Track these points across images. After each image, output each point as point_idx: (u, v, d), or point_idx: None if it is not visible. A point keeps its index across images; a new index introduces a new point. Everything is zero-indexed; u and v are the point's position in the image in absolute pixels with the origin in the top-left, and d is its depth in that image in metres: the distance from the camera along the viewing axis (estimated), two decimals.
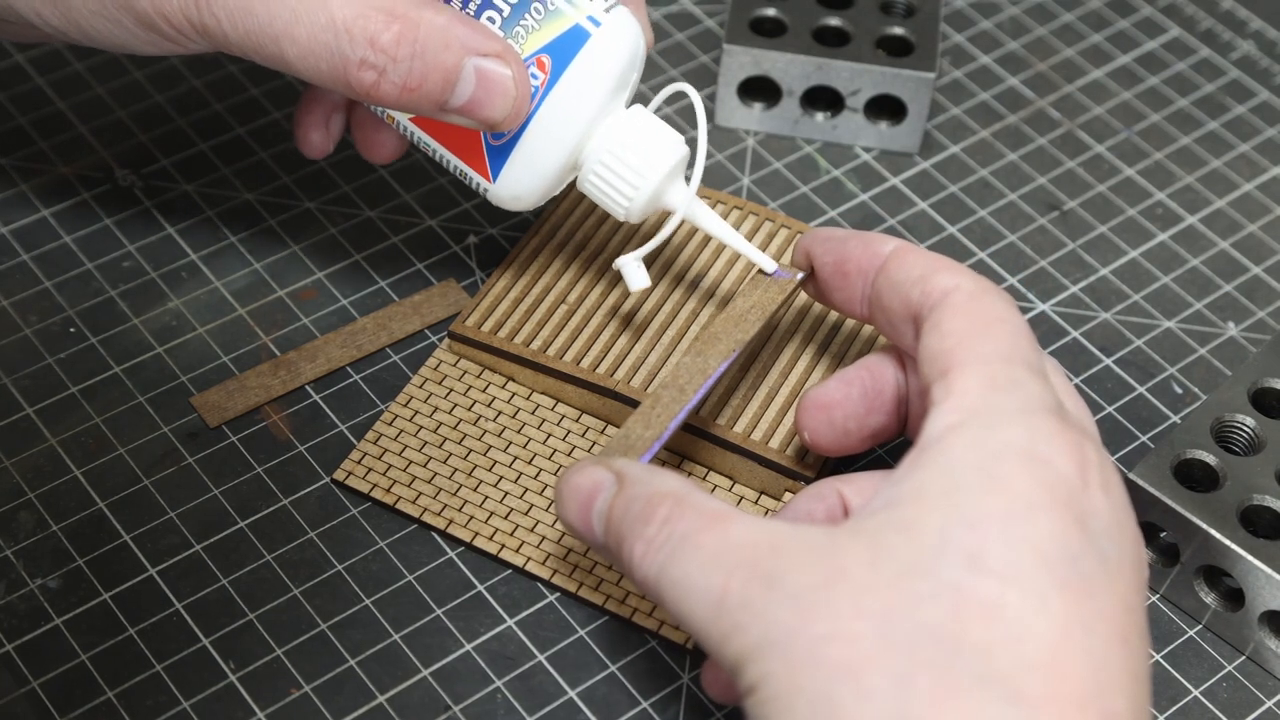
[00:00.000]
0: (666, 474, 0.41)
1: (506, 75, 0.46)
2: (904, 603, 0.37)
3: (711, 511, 0.40)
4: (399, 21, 0.45)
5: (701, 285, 0.55)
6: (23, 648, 0.47)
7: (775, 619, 0.37)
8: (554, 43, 0.48)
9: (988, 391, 0.40)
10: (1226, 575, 0.49)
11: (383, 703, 0.47)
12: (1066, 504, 0.38)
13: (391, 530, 0.50)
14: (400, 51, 0.45)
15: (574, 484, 0.43)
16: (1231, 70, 0.67)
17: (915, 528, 0.38)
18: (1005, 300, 0.43)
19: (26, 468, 0.51)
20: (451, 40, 0.46)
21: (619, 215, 0.50)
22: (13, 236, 0.57)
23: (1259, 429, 0.50)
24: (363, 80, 0.46)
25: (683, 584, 0.39)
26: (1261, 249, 0.61)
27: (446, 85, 0.46)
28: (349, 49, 0.45)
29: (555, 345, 0.53)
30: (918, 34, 0.62)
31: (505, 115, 0.47)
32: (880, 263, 0.46)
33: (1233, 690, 0.49)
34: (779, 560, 0.38)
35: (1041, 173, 0.63)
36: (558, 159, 0.49)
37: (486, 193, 0.50)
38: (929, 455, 0.40)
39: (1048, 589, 0.37)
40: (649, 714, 0.47)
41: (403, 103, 0.46)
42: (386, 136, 0.53)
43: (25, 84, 0.62)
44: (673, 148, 0.49)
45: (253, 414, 0.53)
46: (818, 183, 0.62)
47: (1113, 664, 0.37)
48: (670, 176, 0.49)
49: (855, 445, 0.48)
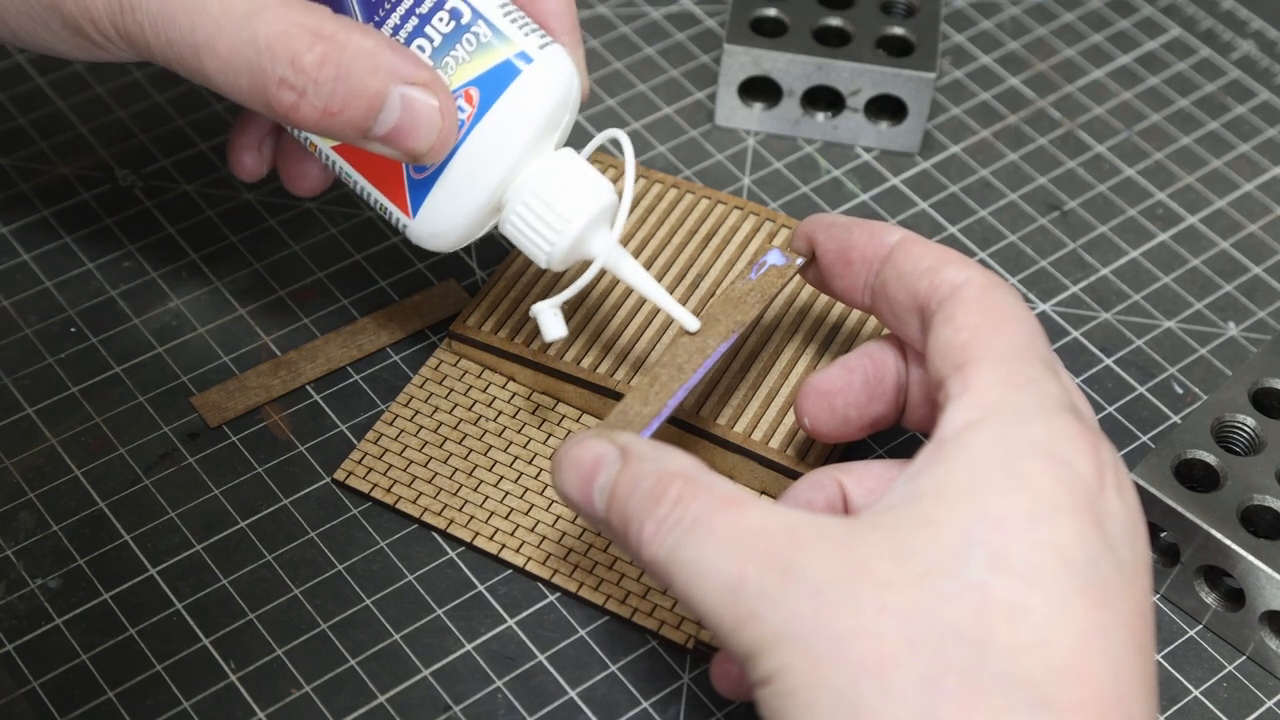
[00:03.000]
0: (674, 451, 0.41)
1: (433, 105, 0.44)
2: (929, 601, 0.37)
3: (725, 494, 0.39)
4: (324, 42, 0.43)
5: (702, 286, 0.55)
6: (23, 648, 0.47)
7: (795, 611, 0.37)
8: (483, 76, 0.46)
9: (1007, 388, 0.40)
10: (1227, 575, 0.49)
11: (383, 703, 0.47)
12: (1087, 506, 0.38)
13: (392, 530, 0.50)
14: (323, 73, 0.43)
15: (574, 455, 0.42)
16: (1232, 70, 0.67)
17: (938, 524, 0.38)
18: (1016, 296, 0.43)
19: (27, 468, 0.51)
20: (379, 65, 0.44)
21: (540, 261, 0.47)
22: (13, 236, 0.57)
23: (1259, 429, 0.50)
24: (282, 100, 0.44)
25: (694, 567, 0.38)
26: (1262, 249, 0.61)
27: (370, 112, 0.44)
28: (269, 66, 0.43)
29: (555, 345, 0.53)
30: (918, 34, 0.62)
31: (429, 146, 0.45)
32: (886, 252, 0.46)
33: (1233, 690, 0.49)
34: (797, 549, 0.38)
35: (1042, 173, 0.63)
36: (480, 196, 0.47)
37: (406, 229, 0.48)
38: (948, 450, 0.39)
39: (1070, 593, 0.37)
40: (649, 714, 0.47)
41: (323, 127, 0.44)
42: (310, 168, 0.51)
43: (25, 84, 0.62)
44: (599, 194, 0.47)
45: (253, 414, 0.53)
46: (818, 183, 0.62)
47: (1131, 670, 0.37)
48: (595, 223, 0.47)
49: (854, 433, 0.47)
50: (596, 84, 0.64)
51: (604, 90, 0.64)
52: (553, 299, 0.48)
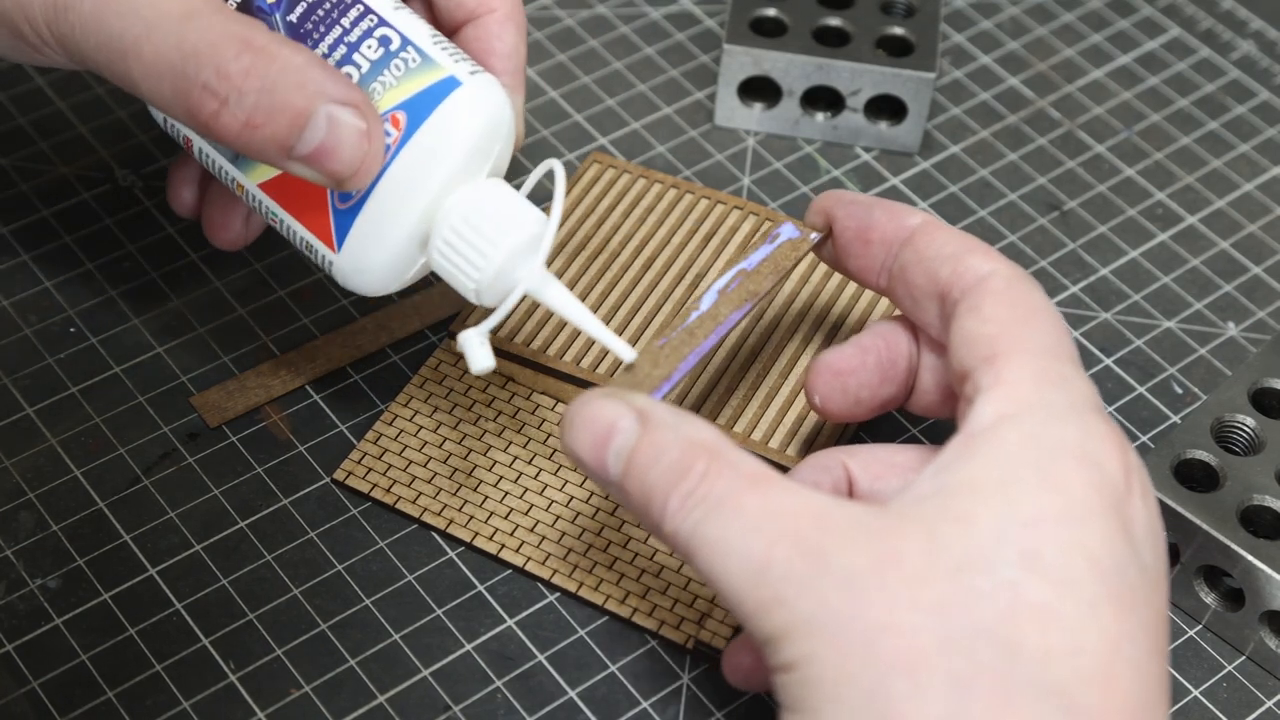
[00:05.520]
0: (694, 418, 0.40)
1: (359, 127, 0.42)
2: (961, 598, 0.36)
3: (751, 472, 0.39)
4: (253, 53, 0.42)
5: (702, 286, 0.55)
6: (23, 648, 0.47)
7: (824, 599, 0.37)
8: (410, 100, 0.44)
9: (1039, 385, 0.40)
10: (1226, 575, 0.49)
11: (383, 703, 0.47)
12: (1115, 509, 0.38)
13: (391, 530, 0.50)
14: (248, 84, 0.42)
15: (589, 415, 0.41)
16: (1232, 70, 0.67)
17: (970, 520, 0.38)
18: (1041, 290, 0.43)
19: (26, 468, 0.51)
20: (307, 82, 0.42)
21: (469, 294, 0.45)
22: (13, 236, 0.57)
23: (1259, 429, 0.50)
24: (203, 107, 0.42)
25: (719, 545, 0.38)
26: (1261, 249, 0.61)
27: (293, 129, 0.42)
28: (194, 72, 0.42)
29: (555, 345, 0.53)
30: (918, 34, 0.62)
31: (354, 169, 0.43)
32: (907, 234, 0.45)
33: (1233, 690, 0.49)
34: (827, 535, 0.37)
35: (1041, 173, 0.63)
36: (407, 224, 0.45)
37: (331, 267, 0.46)
38: (980, 444, 0.39)
39: (1099, 598, 0.37)
40: (649, 714, 0.47)
41: (244, 140, 0.42)
42: (233, 218, 0.50)
43: (25, 84, 0.62)
44: (526, 221, 0.45)
45: (253, 414, 0.53)
46: (818, 183, 0.62)
47: (1153, 676, 0.37)
48: (524, 250, 0.45)
49: (864, 414, 0.47)
50: (596, 84, 0.64)
51: (604, 90, 0.64)
52: (480, 325, 0.45)
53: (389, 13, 0.45)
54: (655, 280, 0.55)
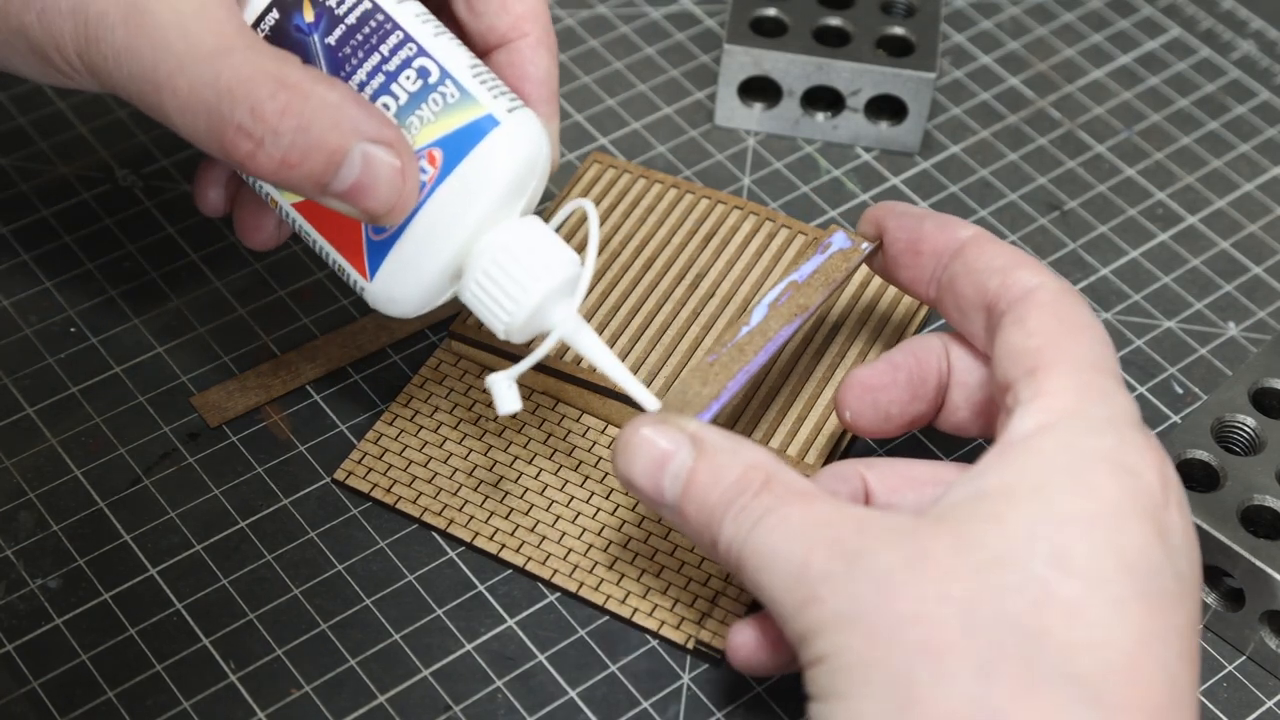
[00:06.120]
0: (748, 444, 0.42)
1: (394, 165, 0.42)
2: (989, 591, 0.37)
3: (800, 489, 0.41)
4: (288, 91, 0.41)
5: (701, 286, 0.55)
6: (23, 648, 0.47)
7: (856, 594, 0.38)
8: (448, 137, 0.44)
9: (1080, 398, 0.41)
10: (1226, 575, 0.49)
11: (383, 703, 0.47)
12: (1151, 516, 0.39)
13: (391, 530, 0.50)
14: (283, 124, 0.41)
15: (644, 439, 0.42)
16: (1232, 70, 0.67)
17: (1003, 520, 0.38)
18: (1087, 305, 0.43)
19: (27, 468, 0.51)
20: (342, 120, 0.41)
21: (499, 332, 0.45)
22: (13, 236, 0.57)
23: (1259, 429, 0.50)
24: (238, 147, 0.41)
25: (765, 553, 0.40)
26: (1261, 249, 0.61)
27: (329, 167, 0.42)
28: (228, 111, 0.41)
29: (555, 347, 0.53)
30: (918, 34, 0.62)
31: (389, 207, 0.43)
32: (957, 247, 0.46)
33: (1233, 690, 0.49)
34: (863, 538, 0.39)
35: (1042, 173, 0.63)
36: (439, 262, 0.45)
37: (364, 292, 0.46)
38: (1017, 452, 0.40)
39: (1128, 597, 0.37)
40: (649, 714, 0.47)
41: (280, 178, 0.42)
42: (266, 221, 0.50)
43: (25, 84, 0.62)
44: (561, 264, 0.45)
45: (253, 414, 0.53)
46: (818, 183, 0.62)
47: (1182, 680, 0.38)
48: (557, 294, 0.45)
49: (893, 430, 0.48)
50: (597, 84, 0.64)
51: (604, 90, 0.64)
52: (509, 370, 0.46)
53: (428, 40, 0.45)
54: (655, 280, 0.55)
